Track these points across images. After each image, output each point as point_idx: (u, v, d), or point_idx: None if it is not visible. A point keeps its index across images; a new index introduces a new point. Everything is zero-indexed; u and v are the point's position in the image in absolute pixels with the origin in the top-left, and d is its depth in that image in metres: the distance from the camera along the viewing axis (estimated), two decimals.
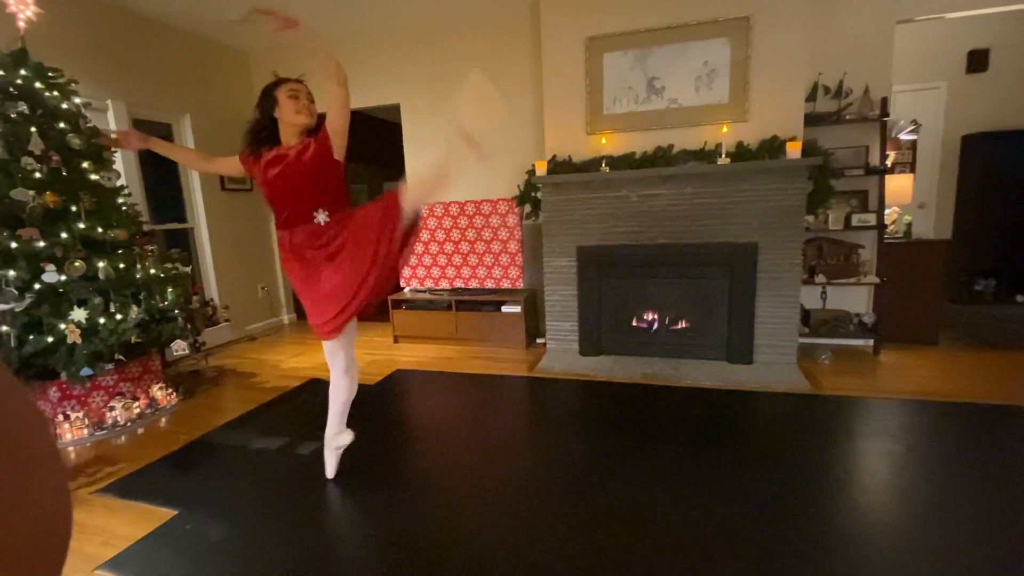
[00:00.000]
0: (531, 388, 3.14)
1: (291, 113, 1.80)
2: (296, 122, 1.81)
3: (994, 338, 3.65)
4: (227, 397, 3.21)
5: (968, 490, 1.85)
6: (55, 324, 2.46)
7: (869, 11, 3.31)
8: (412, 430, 2.69)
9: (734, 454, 2.18)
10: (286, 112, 1.81)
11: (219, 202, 4.44)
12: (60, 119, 2.64)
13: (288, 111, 1.80)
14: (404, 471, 2.18)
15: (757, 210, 3.13)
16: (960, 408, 2.53)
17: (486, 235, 4.03)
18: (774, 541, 1.61)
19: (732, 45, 3.12)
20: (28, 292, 2.45)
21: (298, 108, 1.81)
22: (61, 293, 2.53)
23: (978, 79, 4.59)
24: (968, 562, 1.49)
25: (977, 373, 3.01)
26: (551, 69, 3.49)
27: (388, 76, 4.37)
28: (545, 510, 1.85)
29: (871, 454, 2.16)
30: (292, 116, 1.80)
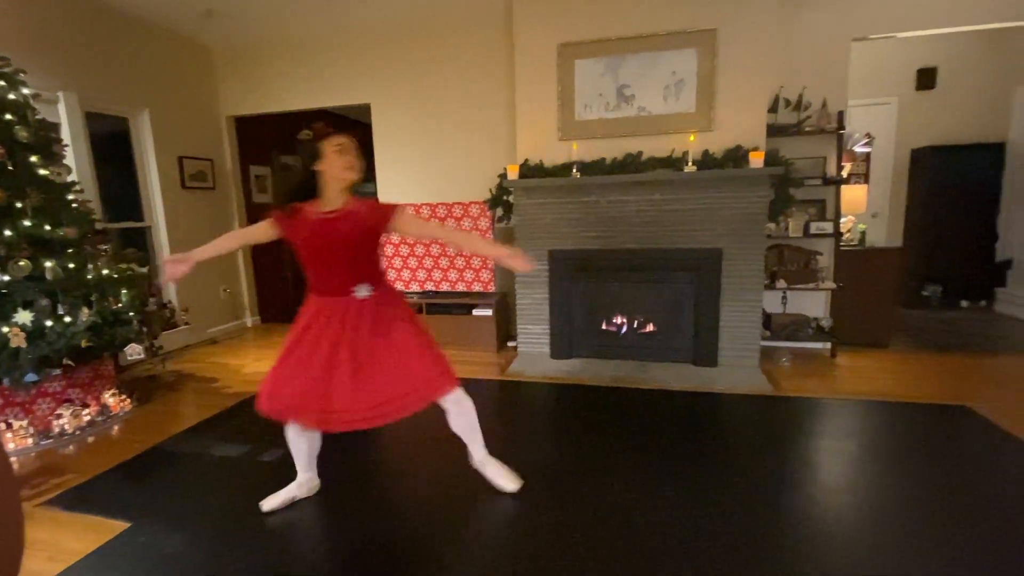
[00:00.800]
0: (502, 391, 3.14)
1: (339, 169, 1.67)
2: (345, 178, 1.68)
3: (941, 341, 3.85)
4: (186, 403, 3.09)
5: (920, 486, 1.94)
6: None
7: (826, 29, 3.46)
8: (380, 437, 2.65)
9: (700, 454, 2.23)
10: (334, 167, 1.67)
11: (179, 200, 4.28)
12: (6, 111, 2.50)
13: (336, 167, 1.67)
14: (372, 479, 2.14)
15: (722, 217, 3.22)
16: (910, 408, 2.65)
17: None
18: (738, 538, 1.65)
19: (699, 56, 3.21)
20: None
21: (347, 164, 1.67)
22: (4, 294, 2.38)
23: (926, 96, 4.85)
24: (922, 554, 1.56)
25: (926, 374, 3.17)
26: (524, 74, 3.51)
27: (358, 75, 4.31)
28: (517, 513, 1.85)
29: (829, 453, 2.24)
30: (340, 172, 1.67)
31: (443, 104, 4.16)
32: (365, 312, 1.73)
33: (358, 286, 1.73)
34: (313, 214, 1.70)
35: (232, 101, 4.68)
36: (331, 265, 1.72)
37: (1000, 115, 4.66)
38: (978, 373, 3.17)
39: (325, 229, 1.68)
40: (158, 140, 4.08)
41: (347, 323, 1.72)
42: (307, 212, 1.71)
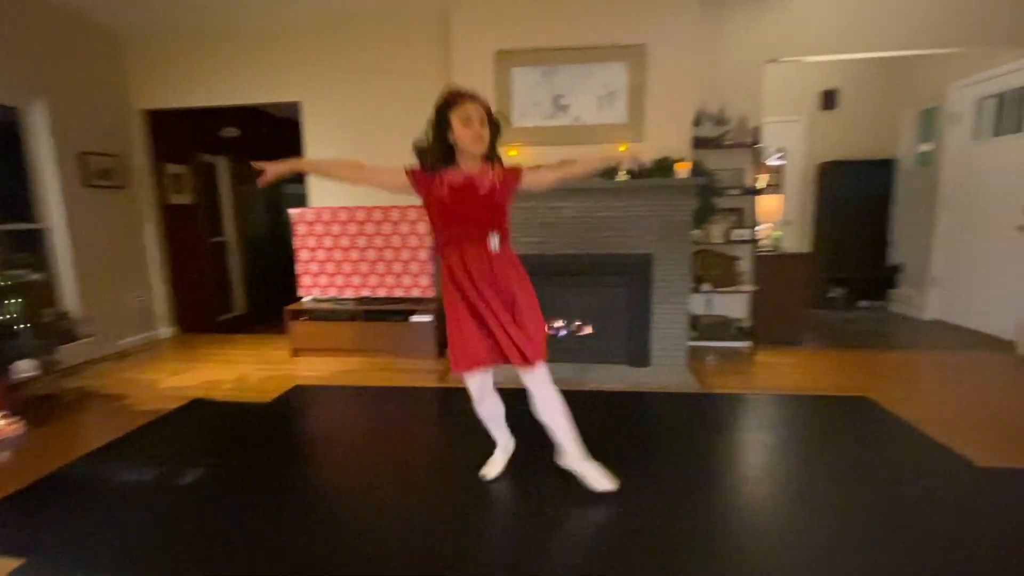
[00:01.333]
0: (442, 399, 3.10)
1: (466, 141, 1.71)
2: (472, 150, 1.72)
3: (845, 338, 4.23)
4: (89, 424, 2.81)
5: (829, 471, 2.12)
6: None
7: (743, 50, 3.72)
8: (314, 450, 2.53)
9: (633, 452, 2.31)
10: (461, 139, 1.71)
11: (82, 199, 3.89)
12: None
13: (463, 138, 1.71)
14: (306, 496, 2.04)
15: (652, 224, 3.36)
16: (820, 400, 2.89)
17: (395, 242, 3.93)
18: (667, 529, 1.72)
19: (630, 70, 3.34)
20: None
21: (473, 136, 1.70)
22: None
23: (830, 115, 5.32)
24: (836, 536, 1.70)
25: (832, 369, 3.46)
26: (461, 79, 3.50)
27: (287, 73, 4.12)
28: (457, 520, 1.82)
29: (750, 445, 2.40)
30: (467, 144, 1.71)
31: (379, 105, 4.06)
32: (497, 263, 1.82)
33: (491, 238, 1.81)
34: (452, 175, 1.77)
35: (145, 93, 4.32)
36: (470, 219, 1.78)
37: (891, 134, 5.20)
38: (876, 366, 3.51)
39: (468, 186, 1.75)
40: (56, 133, 3.69)
41: (485, 270, 1.80)
42: (445, 174, 1.77)
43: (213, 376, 3.54)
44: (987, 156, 4.23)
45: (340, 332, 3.92)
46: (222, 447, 2.45)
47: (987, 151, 4.24)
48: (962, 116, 4.42)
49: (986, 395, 2.97)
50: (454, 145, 1.73)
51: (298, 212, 4.02)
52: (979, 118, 4.30)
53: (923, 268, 4.86)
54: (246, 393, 3.21)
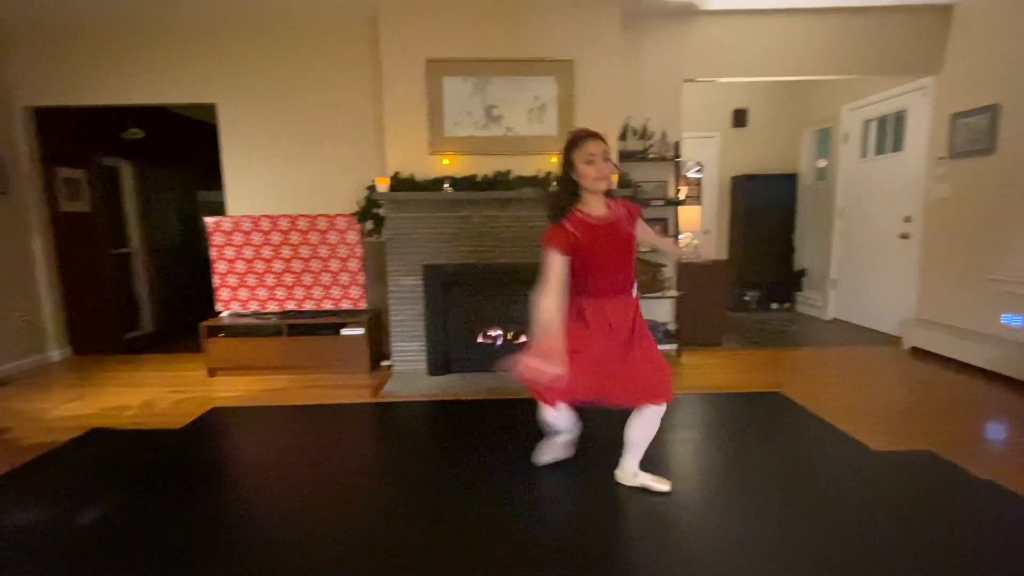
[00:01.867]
0: (376, 414, 3.00)
1: (590, 180, 1.73)
2: (596, 188, 1.74)
3: (758, 338, 4.57)
4: None
5: (749, 462, 2.26)
6: None
7: (664, 70, 3.95)
8: (235, 476, 2.35)
9: (572, 456, 2.35)
10: (585, 179, 1.74)
11: None
12: None
13: (587, 178, 1.73)
14: (229, 529, 1.88)
15: None
16: (739, 396, 3.09)
17: (323, 252, 3.77)
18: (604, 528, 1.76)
19: (559, 84, 3.44)
20: None
21: (597, 174, 1.72)
22: None
23: (740, 132, 5.76)
24: (753, 520, 1.80)
25: (749, 367, 3.72)
26: (391, 86, 3.44)
27: (202, 72, 3.86)
28: (397, 539, 1.75)
29: (678, 443, 2.51)
30: (592, 183, 1.73)
31: (303, 109, 3.90)
32: (631, 311, 1.85)
33: (632, 285, 1.86)
34: (589, 218, 1.77)
35: (33, 89, 3.88)
36: (615, 266, 1.80)
37: (793, 151, 5.72)
38: (786, 363, 3.81)
39: (609, 232, 1.77)
40: None
41: (625, 322, 1.83)
42: (580, 217, 1.76)
43: (116, 402, 3.21)
44: (872, 172, 4.75)
45: (263, 349, 3.69)
46: (126, 481, 2.22)
47: (872, 168, 4.76)
48: (851, 136, 4.94)
49: (878, 386, 3.32)
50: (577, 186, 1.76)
51: (214, 221, 3.75)
52: (865, 138, 4.83)
53: (823, 272, 5.36)
54: (155, 419, 2.93)
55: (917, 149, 4.17)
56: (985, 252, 3.57)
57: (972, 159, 3.65)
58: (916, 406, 2.97)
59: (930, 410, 2.88)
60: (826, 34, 3.91)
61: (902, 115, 4.39)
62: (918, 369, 3.64)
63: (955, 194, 3.80)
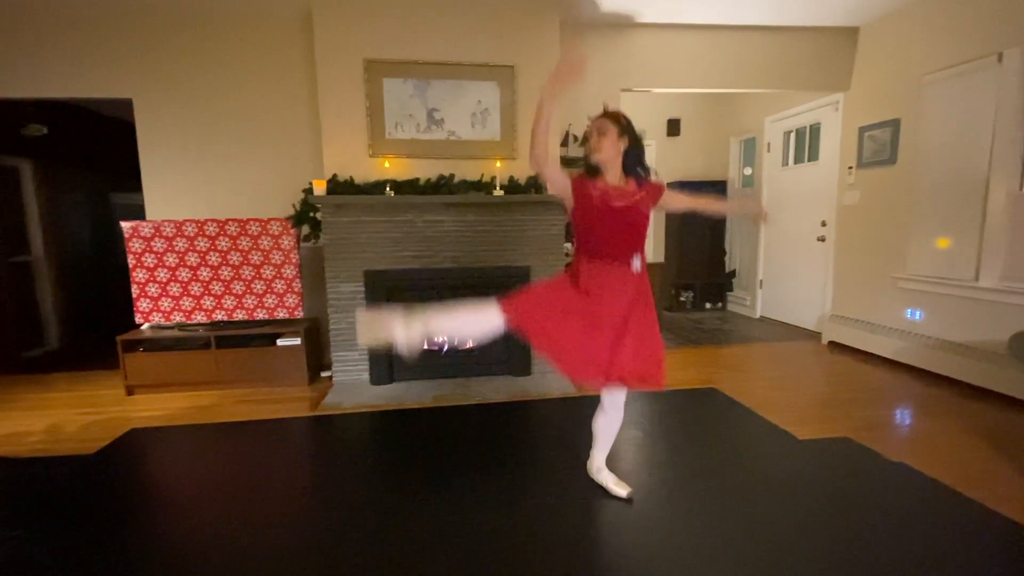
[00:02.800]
0: (316, 428, 2.86)
1: (588, 149, 1.85)
2: (592, 159, 1.83)
3: (694, 337, 4.78)
4: None
5: (689, 456, 2.36)
6: None
7: (603, 78, 4.05)
8: (158, 505, 2.16)
9: (521, 459, 2.35)
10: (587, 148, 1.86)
11: None
12: None
13: (588, 146, 1.86)
14: (149, 562, 1.72)
15: (528, 238, 3.49)
16: (677, 394, 3.21)
17: (254, 258, 3.57)
18: (554, 530, 1.77)
19: (501, 89, 3.45)
20: None
21: (592, 145, 1.83)
22: None
23: (675, 140, 6.03)
24: (692, 511, 1.87)
25: (686, 365, 3.88)
26: (327, 86, 3.32)
27: (116, 65, 3.56)
28: (345, 555, 1.67)
29: (623, 442, 2.57)
30: (589, 151, 1.85)
31: (232, 107, 3.68)
32: (634, 284, 1.84)
33: (634, 256, 1.84)
34: (604, 183, 1.82)
35: None
36: (616, 234, 1.81)
37: (722, 159, 6.05)
38: (720, 360, 4.01)
39: (617, 200, 1.79)
40: None
41: (625, 290, 1.82)
42: (598, 181, 1.83)
43: (15, 427, 2.88)
44: (792, 179, 5.11)
45: (189, 363, 3.43)
46: (28, 514, 1.99)
47: (791, 175, 5.12)
48: (772, 146, 5.30)
49: (801, 378, 3.56)
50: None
51: (132, 225, 3.46)
52: (785, 148, 5.19)
53: (751, 273, 5.70)
54: (62, 444, 2.65)
55: (830, 159, 4.53)
56: (890, 253, 3.92)
57: (877, 168, 4.01)
58: (834, 396, 3.20)
59: (846, 399, 3.12)
60: (750, 50, 4.17)
61: (817, 127, 4.76)
62: (835, 361, 3.94)
63: (863, 200, 4.16)
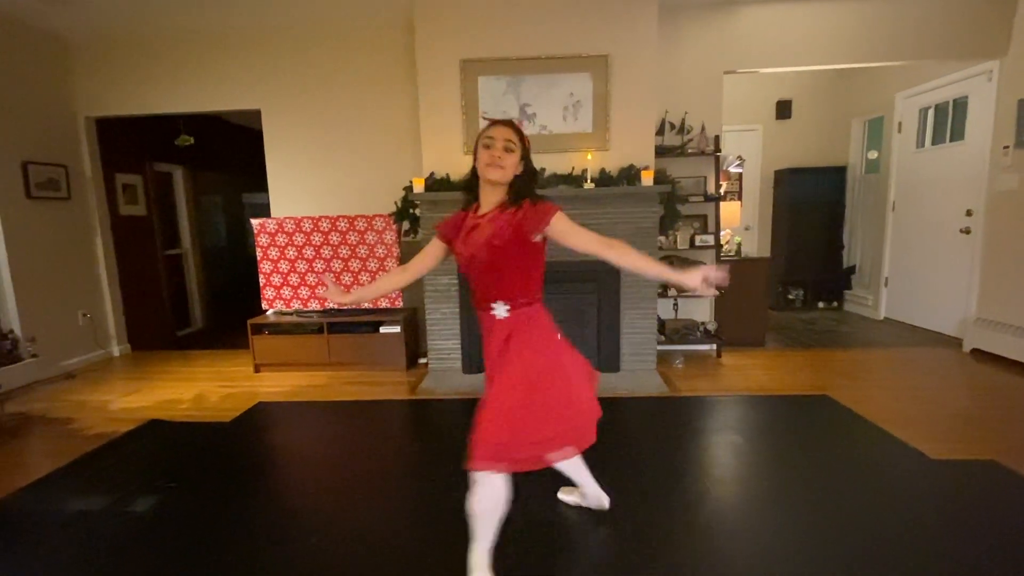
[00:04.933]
0: (413, 411, 3.05)
1: (481, 164, 1.45)
2: (484, 176, 1.45)
3: (805, 339, 4.38)
4: (32, 450, 2.63)
5: (794, 468, 2.17)
6: None
7: (703, 62, 3.84)
8: (279, 469, 2.44)
9: (607, 457, 2.31)
10: (478, 164, 1.47)
11: (22, 212, 3.67)
12: None
13: (480, 162, 1.46)
14: (271, 517, 1.96)
15: (619, 231, 3.41)
16: (783, 400, 2.97)
17: (361, 252, 3.86)
18: (637, 532, 1.73)
19: (594, 80, 3.40)
20: None
21: (489, 159, 1.42)
22: None
23: (785, 124, 5.55)
24: (801, 530, 1.73)
25: (794, 369, 3.58)
26: (427, 87, 3.48)
27: (247, 79, 4.01)
28: (436, 534, 1.78)
29: (720, 447, 2.44)
30: (481, 168, 1.45)
31: (342, 113, 4.00)
32: (499, 333, 1.49)
33: (496, 303, 1.49)
34: (467, 217, 1.53)
35: (93, 100, 4.13)
36: (476, 275, 1.51)
37: (841, 143, 5.45)
38: (834, 365, 3.65)
39: (471, 234, 1.48)
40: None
41: (491, 342, 1.53)
42: (464, 216, 1.54)
43: (170, 395, 3.38)
44: (929, 163, 4.48)
45: (305, 346, 3.81)
46: (180, 470, 2.33)
47: (928, 158, 4.49)
48: (904, 125, 4.68)
49: (936, 390, 3.12)
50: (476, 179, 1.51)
51: (260, 222, 3.90)
52: (921, 127, 4.56)
53: (875, 270, 5.10)
54: (206, 412, 3.07)
55: (980, 138, 3.91)
56: None
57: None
58: (978, 411, 2.78)
59: (993, 416, 2.70)
60: (878, 18, 3.71)
61: (963, 102, 4.12)
62: (980, 372, 3.42)
63: (1023, 186, 3.54)
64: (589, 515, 1.87)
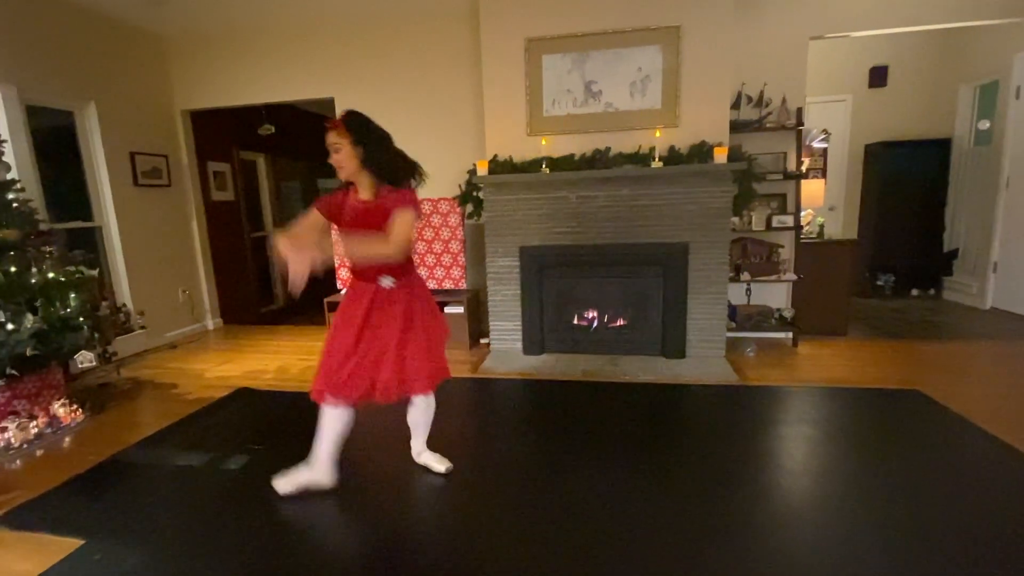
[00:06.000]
0: (475, 389, 3.12)
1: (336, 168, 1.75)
2: (340, 177, 1.78)
3: (894, 329, 4.03)
4: (143, 411, 2.96)
5: (877, 468, 2.03)
6: None
7: (785, 28, 3.55)
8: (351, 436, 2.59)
9: (671, 444, 2.27)
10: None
11: (132, 198, 4.08)
12: None
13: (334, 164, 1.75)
14: (343, 481, 2.09)
15: (688, 212, 3.27)
16: (867, 393, 2.77)
17: (427, 235, 3.97)
18: (710, 523, 1.69)
19: (664, 53, 3.24)
20: None
21: (336, 164, 1.74)
22: None
23: (879, 93, 5.05)
24: (879, 534, 1.62)
25: (880, 361, 3.31)
26: (491, 68, 3.48)
27: (321, 69, 4.19)
28: (492, 509, 1.84)
29: (792, 439, 2.32)
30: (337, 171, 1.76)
31: (409, 98, 4.09)
32: (387, 301, 1.81)
33: (382, 276, 1.80)
34: (353, 199, 1.79)
35: (187, 94, 4.48)
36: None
37: (946, 112, 4.89)
38: (927, 358, 3.33)
39: (359, 217, 1.76)
40: (107, 135, 3.87)
41: (375, 308, 1.80)
42: (348, 197, 1.80)
43: (256, 366, 3.68)
44: None
45: None
46: (265, 434, 2.55)
47: None
48: None
49: None
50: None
51: None
52: None
53: (982, 254, 4.57)
54: (287, 382, 3.32)
55: None
56: None
57: None
58: None
59: None
60: None
61: None
62: None
63: None
64: (653, 509, 1.85)
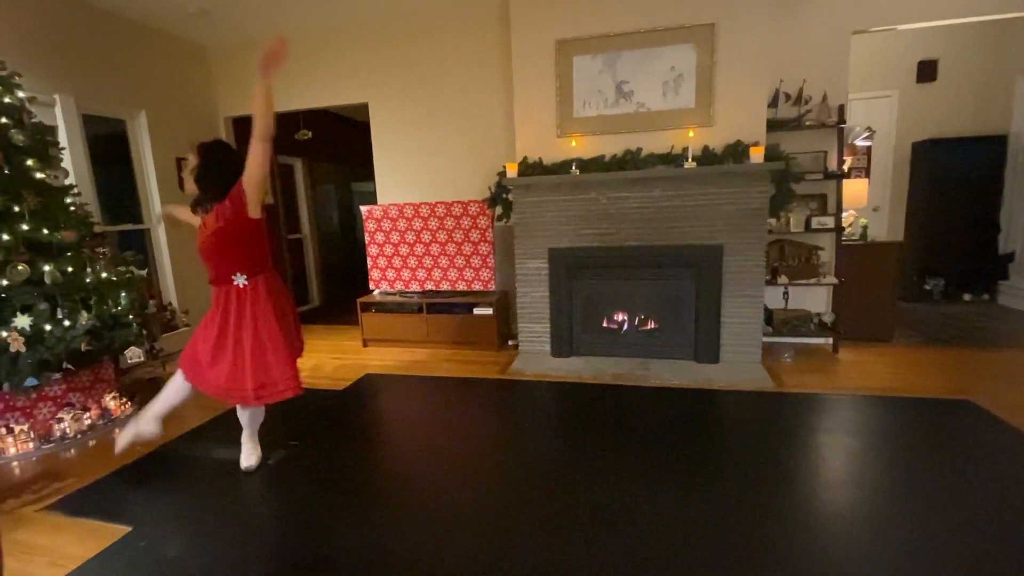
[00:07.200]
0: (503, 390, 3.13)
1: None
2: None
3: (943, 335, 3.84)
4: (187, 406, 3.03)
5: (923, 480, 1.93)
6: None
7: (826, 21, 3.44)
8: (383, 435, 2.65)
9: (702, 451, 2.22)
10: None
11: (177, 202, 4.25)
12: (1, 114, 2.49)
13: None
14: (375, 478, 2.14)
15: (722, 213, 3.20)
16: (913, 402, 2.64)
17: (457, 236, 4.00)
18: (742, 534, 1.65)
19: (698, 51, 3.18)
20: None
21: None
22: (3, 299, 2.38)
23: (927, 88, 4.82)
24: (925, 548, 1.55)
25: (928, 368, 3.15)
26: (521, 70, 3.49)
27: (356, 74, 4.29)
28: (519, 512, 1.84)
29: (831, 449, 2.23)
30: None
31: (441, 102, 4.14)
32: (237, 300, 1.93)
33: (235, 275, 1.92)
34: (202, 216, 1.96)
35: (230, 102, 4.66)
36: (209, 257, 1.93)
37: (1002, 107, 4.63)
38: (980, 367, 3.16)
39: (203, 227, 1.93)
40: (156, 142, 4.06)
41: (228, 309, 1.94)
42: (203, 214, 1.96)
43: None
44: None
45: (407, 324, 4.06)
46: (301, 430, 2.62)
47: None
48: None
49: None
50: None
51: (367, 209, 4.19)
52: None
53: None
54: (321, 380, 3.40)
55: None
56: None
57: None
58: None
59: None
60: None
61: None
62: None
63: None
64: (683, 515, 1.81)
